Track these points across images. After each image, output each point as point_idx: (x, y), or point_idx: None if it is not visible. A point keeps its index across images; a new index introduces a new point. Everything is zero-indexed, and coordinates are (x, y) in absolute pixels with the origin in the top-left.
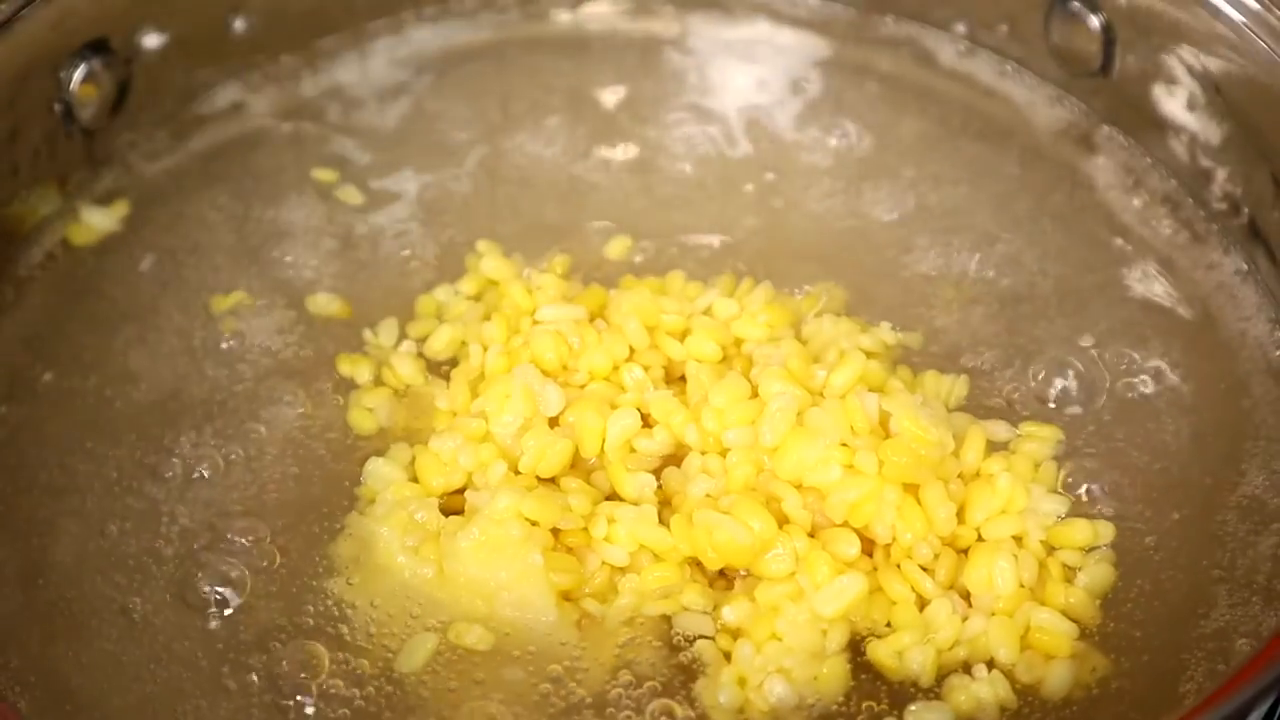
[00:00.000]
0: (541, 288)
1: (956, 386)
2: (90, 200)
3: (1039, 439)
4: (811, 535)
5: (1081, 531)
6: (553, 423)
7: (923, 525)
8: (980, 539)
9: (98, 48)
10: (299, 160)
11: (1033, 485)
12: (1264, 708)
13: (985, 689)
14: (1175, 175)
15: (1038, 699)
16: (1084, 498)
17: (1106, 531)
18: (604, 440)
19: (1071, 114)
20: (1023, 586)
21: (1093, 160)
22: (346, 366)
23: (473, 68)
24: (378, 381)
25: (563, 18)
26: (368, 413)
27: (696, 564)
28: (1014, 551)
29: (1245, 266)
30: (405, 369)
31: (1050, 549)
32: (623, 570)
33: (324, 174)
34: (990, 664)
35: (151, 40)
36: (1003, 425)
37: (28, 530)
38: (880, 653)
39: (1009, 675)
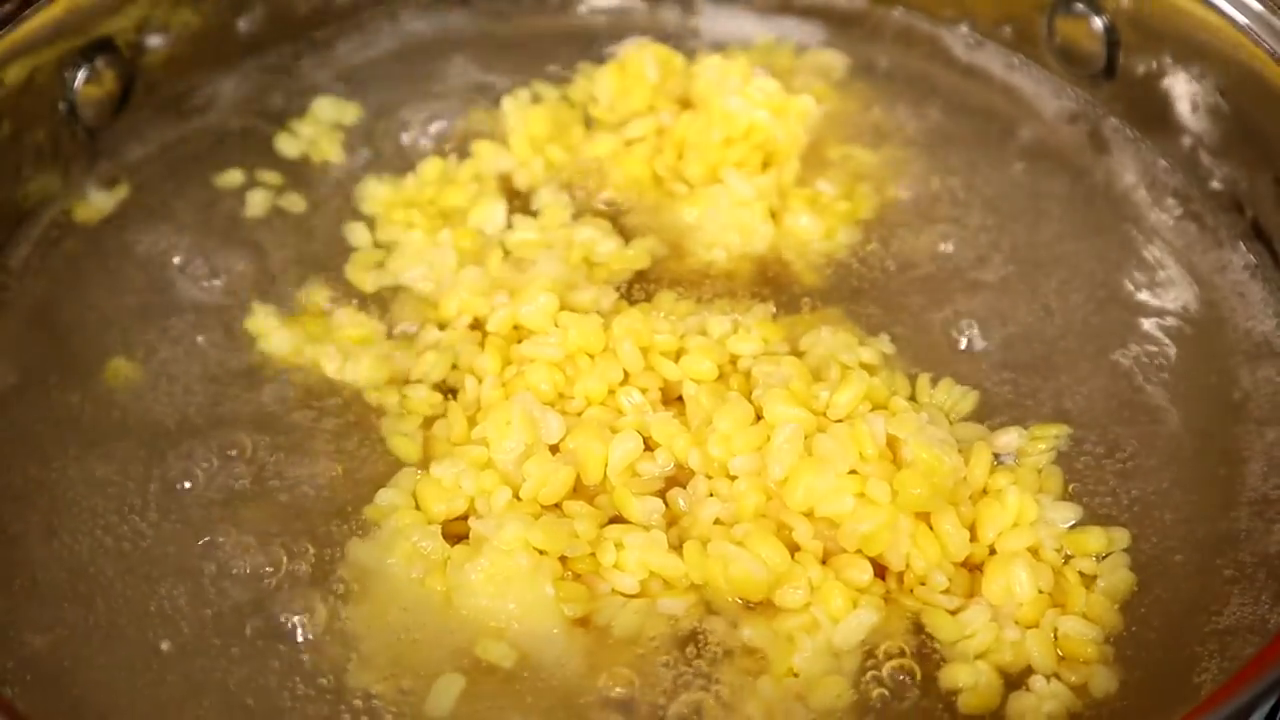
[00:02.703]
0: (528, 318)
1: (963, 401)
2: (91, 197)
3: (1047, 438)
4: (824, 562)
5: (1096, 539)
6: (553, 449)
7: (937, 552)
8: (993, 553)
9: (102, 47)
10: (301, 150)
11: (1041, 496)
12: (1266, 707)
13: (1052, 703)
14: (1180, 173)
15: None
16: (1094, 498)
17: (1121, 537)
18: (606, 465)
19: (1077, 106)
20: (1042, 593)
21: (1098, 158)
22: (374, 396)
23: (466, 55)
24: (404, 409)
25: (580, 8)
26: (405, 439)
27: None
28: (1029, 562)
29: (1253, 262)
30: (420, 397)
31: (1066, 557)
32: (634, 595)
33: (326, 160)
34: (1035, 673)
35: (155, 40)
36: (1014, 433)
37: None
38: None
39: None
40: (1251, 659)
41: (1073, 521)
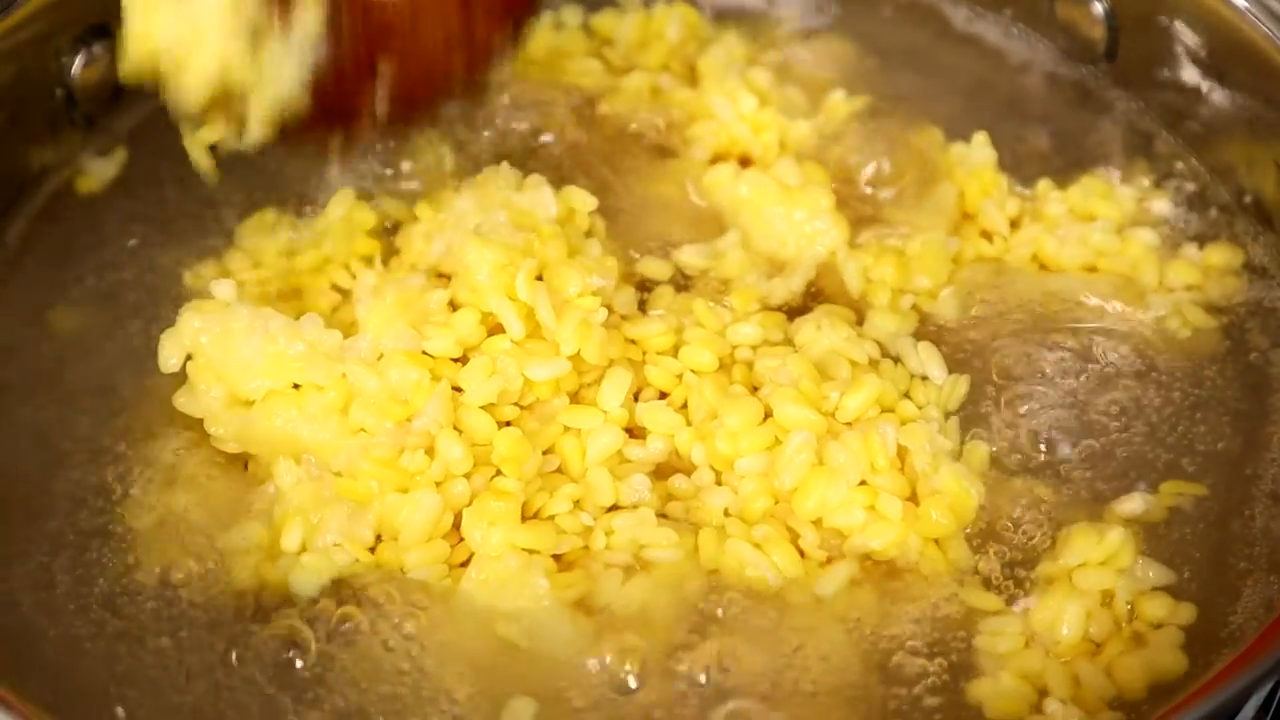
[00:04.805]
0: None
1: (957, 387)
2: (89, 171)
3: (1171, 496)
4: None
5: (1162, 605)
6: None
7: (945, 567)
8: (1070, 580)
9: (99, 32)
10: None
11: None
12: (1264, 692)
13: None
14: (1181, 154)
15: None
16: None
17: (1187, 613)
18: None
19: (1078, 78)
20: (1087, 640)
21: (1096, 137)
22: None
23: None
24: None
25: None
26: None
27: None
28: (1090, 609)
29: (1250, 248)
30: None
31: (1131, 615)
32: (631, 572)
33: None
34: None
35: None
36: (1138, 499)
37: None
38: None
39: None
40: (1249, 645)
41: (1160, 584)
